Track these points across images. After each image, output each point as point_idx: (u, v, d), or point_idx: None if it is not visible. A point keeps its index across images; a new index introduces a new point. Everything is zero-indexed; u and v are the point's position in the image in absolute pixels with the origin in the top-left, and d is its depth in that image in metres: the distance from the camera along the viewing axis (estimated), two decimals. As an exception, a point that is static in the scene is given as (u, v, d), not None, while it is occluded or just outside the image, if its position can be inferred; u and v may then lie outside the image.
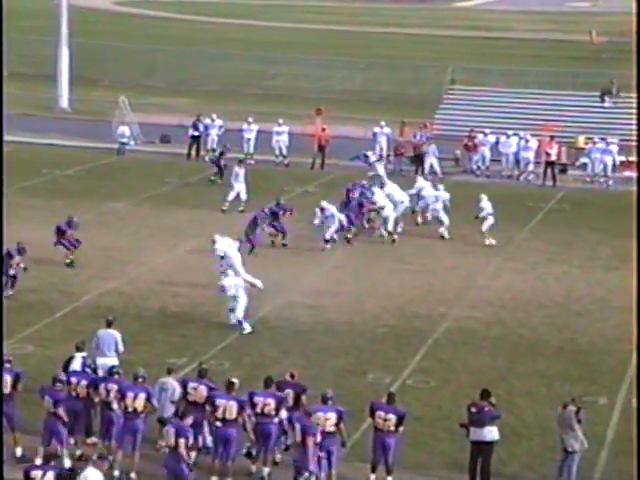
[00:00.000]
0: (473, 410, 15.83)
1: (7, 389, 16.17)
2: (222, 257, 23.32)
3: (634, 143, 37.01)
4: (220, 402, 15.78)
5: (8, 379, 16.20)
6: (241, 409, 15.71)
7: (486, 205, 28.44)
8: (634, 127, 37.62)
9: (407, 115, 41.00)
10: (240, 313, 21.43)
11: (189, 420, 15.27)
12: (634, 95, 40.19)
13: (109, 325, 18.63)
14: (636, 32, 29.99)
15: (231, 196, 30.75)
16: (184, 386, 16.34)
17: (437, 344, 21.48)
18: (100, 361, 17.83)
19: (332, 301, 23.71)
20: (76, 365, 16.95)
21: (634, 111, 38.34)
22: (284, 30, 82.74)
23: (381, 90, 54.46)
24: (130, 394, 15.91)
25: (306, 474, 15.04)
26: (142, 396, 15.92)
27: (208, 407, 15.93)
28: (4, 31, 19.22)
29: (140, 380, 16.08)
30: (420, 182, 30.26)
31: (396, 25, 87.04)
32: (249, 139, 37.84)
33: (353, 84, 55.63)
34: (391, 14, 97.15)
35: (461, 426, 15.96)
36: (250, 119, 38.12)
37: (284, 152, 37.63)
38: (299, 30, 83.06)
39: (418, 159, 36.92)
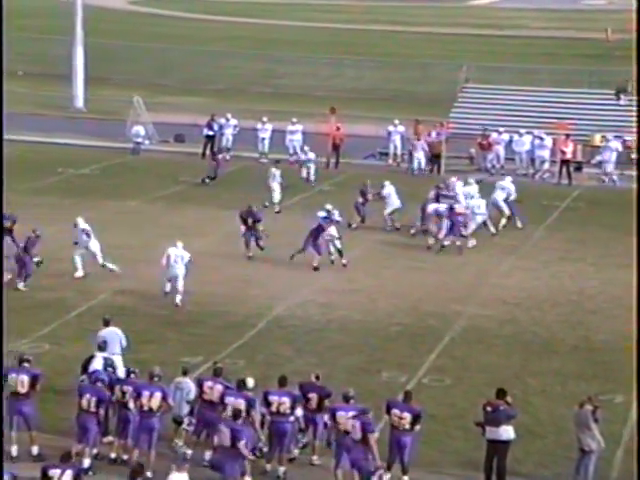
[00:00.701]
0: (489, 409, 15.81)
1: (24, 388, 16.24)
2: (87, 235, 24.47)
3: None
4: (229, 400, 15.81)
5: (25, 379, 16.27)
6: (249, 407, 15.71)
7: (476, 203, 28.42)
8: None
9: (419, 113, 40.94)
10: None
11: (240, 420, 15.35)
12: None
13: (107, 324, 18.67)
14: (636, 31, 29.85)
15: (275, 197, 30.71)
16: (200, 385, 16.37)
17: (451, 342, 21.46)
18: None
19: (345, 299, 23.72)
20: (97, 365, 17.00)
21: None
22: (293, 29, 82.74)
23: (392, 88, 54.43)
24: (146, 393, 15.96)
25: (380, 472, 15.03)
26: (158, 395, 15.97)
27: (219, 405, 15.95)
28: (4, 31, 19.27)
29: (156, 379, 16.13)
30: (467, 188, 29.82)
31: (408, 23, 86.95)
32: (263, 138, 37.86)
33: (363, 82, 55.61)
34: (402, 12, 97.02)
35: (476, 425, 15.94)
36: (264, 118, 38.15)
37: (298, 151, 37.63)
38: (308, 29, 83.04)
39: (434, 158, 36.90)
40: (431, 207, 28.20)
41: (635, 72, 26.12)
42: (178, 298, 22.88)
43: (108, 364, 16.97)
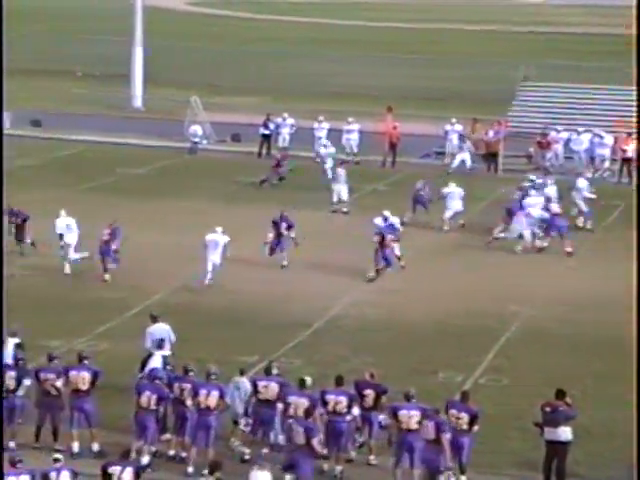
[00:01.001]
0: (547, 409, 15.67)
1: (85, 385, 16.39)
2: (61, 235, 24.81)
3: None
4: (291, 399, 15.81)
5: (87, 376, 16.42)
6: (312, 407, 15.71)
7: (532, 202, 28.06)
8: None
9: (477, 112, 40.69)
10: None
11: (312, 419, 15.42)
12: None
13: (155, 320, 18.77)
14: (636, 31, 29.35)
15: (335, 197, 30.63)
16: (254, 385, 16.38)
17: (508, 343, 21.29)
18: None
19: (402, 299, 23.63)
20: (156, 363, 17.10)
21: None
22: (351, 28, 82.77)
23: (449, 87, 54.18)
24: (203, 391, 16.03)
25: (449, 473, 15.02)
26: (215, 394, 16.03)
27: (280, 404, 15.96)
28: (4, 31, 19.41)
29: (213, 377, 16.19)
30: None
31: (465, 22, 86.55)
32: (320, 137, 37.86)
33: (420, 81, 55.40)
34: (461, 10, 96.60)
35: (535, 425, 15.80)
36: (321, 117, 38.15)
37: (354, 150, 37.58)
38: (365, 28, 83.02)
39: (491, 157, 36.62)
40: (535, 212, 27.61)
41: (635, 71, 25.75)
42: (208, 277, 23.47)
43: (167, 362, 17.06)
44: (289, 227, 25.58)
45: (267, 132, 38.12)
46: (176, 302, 22.85)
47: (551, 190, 29.54)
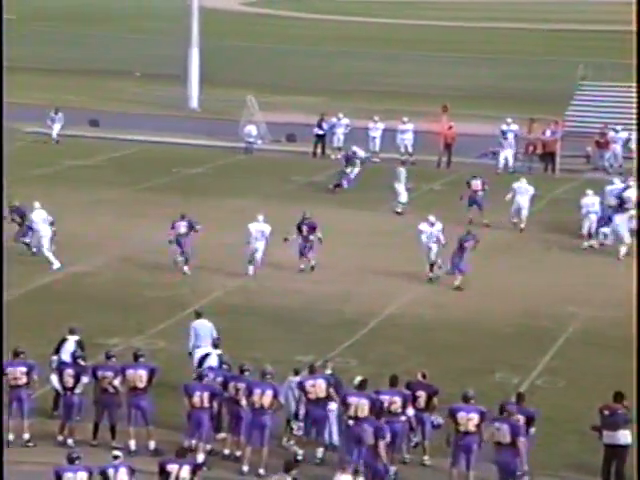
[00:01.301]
0: (606, 413, 15.49)
1: (142, 383, 16.50)
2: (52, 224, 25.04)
3: None
4: (352, 400, 15.77)
5: (144, 374, 16.53)
6: (373, 407, 15.66)
7: (589, 201, 27.69)
8: None
9: (534, 112, 40.35)
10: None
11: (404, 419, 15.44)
12: None
13: (199, 316, 18.97)
14: (636, 30, 28.88)
15: (403, 197, 30.54)
16: (302, 386, 16.34)
17: (566, 344, 21.09)
18: (200, 352, 18.25)
19: (458, 299, 23.51)
20: (213, 361, 17.19)
21: None
22: (407, 27, 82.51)
23: (506, 86, 53.78)
24: (257, 391, 16.07)
25: (526, 477, 14.98)
26: (269, 393, 16.06)
27: (341, 406, 15.93)
28: (4, 31, 19.58)
29: (268, 377, 16.22)
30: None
31: (524, 20, 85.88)
32: (375, 137, 37.79)
33: (478, 81, 55.09)
34: (518, 9, 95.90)
35: (593, 429, 15.62)
36: (376, 117, 38.07)
37: (409, 150, 37.46)
38: (422, 27, 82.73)
39: (548, 157, 36.30)
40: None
41: (635, 70, 25.36)
42: (251, 269, 23.86)
43: (223, 361, 17.14)
44: (311, 229, 25.09)
45: (321, 132, 38.13)
46: (232, 301, 22.94)
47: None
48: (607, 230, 27.49)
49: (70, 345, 17.47)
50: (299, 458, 16.17)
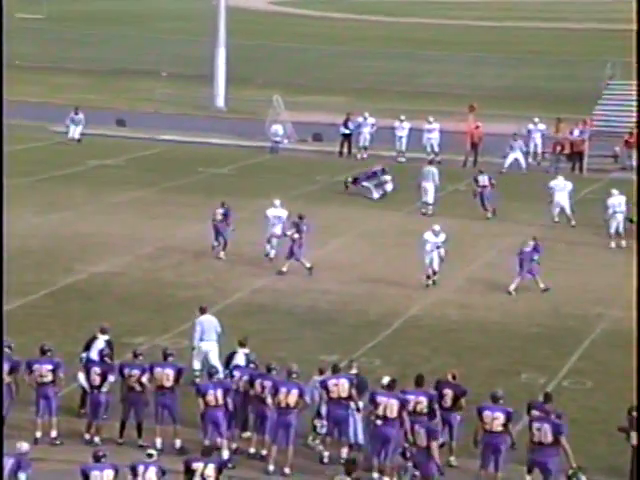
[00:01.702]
0: (634, 414, 15.34)
1: (169, 382, 16.53)
2: None
3: None
4: (381, 400, 15.71)
5: (171, 373, 16.56)
6: (402, 407, 15.62)
7: (616, 201, 27.46)
8: None
9: (561, 111, 40.15)
10: None
11: (436, 421, 15.43)
12: None
13: (203, 311, 19.17)
14: (636, 30, 28.62)
15: (430, 198, 30.35)
16: (325, 386, 16.28)
17: (593, 345, 20.95)
18: (203, 346, 18.67)
19: (483, 300, 23.41)
20: (240, 360, 17.20)
21: None
22: (435, 27, 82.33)
23: (534, 86, 53.56)
24: (283, 389, 16.06)
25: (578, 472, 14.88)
26: (295, 392, 16.05)
27: (369, 404, 15.88)
28: (4, 31, 19.63)
29: (294, 376, 16.20)
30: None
31: (551, 19, 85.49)
32: (401, 137, 37.72)
33: (504, 80, 54.89)
34: (545, 8, 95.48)
35: (620, 430, 15.50)
36: (402, 117, 38.01)
37: (435, 149, 37.36)
38: (449, 26, 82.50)
39: (576, 156, 36.11)
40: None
41: (635, 70, 25.13)
42: (272, 253, 24.31)
43: (250, 360, 17.13)
44: (299, 231, 24.58)
45: (347, 131, 38.09)
46: (258, 301, 22.94)
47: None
48: None
49: (100, 344, 17.53)
50: (325, 460, 16.13)
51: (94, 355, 17.29)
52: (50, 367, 16.60)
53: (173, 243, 26.93)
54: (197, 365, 18.80)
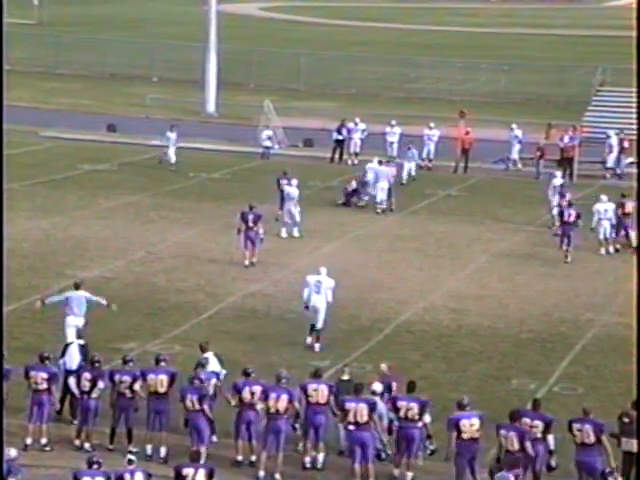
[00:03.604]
0: (626, 420, 15.38)
1: (163, 388, 16.44)
2: None
3: None
4: (350, 406, 15.72)
5: (165, 378, 16.49)
6: (371, 411, 15.63)
7: (601, 208, 27.39)
8: None
9: (553, 117, 40.23)
10: None
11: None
12: None
13: (77, 287, 19.55)
14: (636, 30, 28.73)
15: (384, 196, 30.43)
16: (305, 389, 16.23)
17: (584, 350, 20.98)
18: (71, 321, 19.17)
19: (475, 305, 23.44)
20: (214, 366, 17.08)
21: None
22: (426, 32, 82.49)
23: (526, 92, 53.68)
24: (273, 395, 16.02)
25: (615, 474, 14.68)
26: (284, 397, 16.00)
27: (338, 411, 15.89)
28: (4, 31, 19.67)
29: (283, 381, 16.17)
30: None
31: (543, 26, 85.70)
32: (392, 142, 37.75)
33: (497, 86, 55.00)
34: (538, 15, 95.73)
35: (611, 436, 15.51)
36: (393, 122, 38.05)
37: (431, 156, 37.37)
38: (442, 32, 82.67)
39: (566, 162, 36.16)
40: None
41: (635, 71, 25.26)
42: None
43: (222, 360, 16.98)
44: (256, 220, 25.31)
45: (340, 137, 38.11)
46: (250, 306, 22.93)
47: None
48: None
49: (74, 348, 17.46)
50: (307, 466, 16.10)
51: (68, 360, 17.21)
52: (45, 375, 16.54)
53: (165, 248, 26.91)
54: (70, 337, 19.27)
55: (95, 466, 14.00)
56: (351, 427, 15.67)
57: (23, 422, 16.61)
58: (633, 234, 27.54)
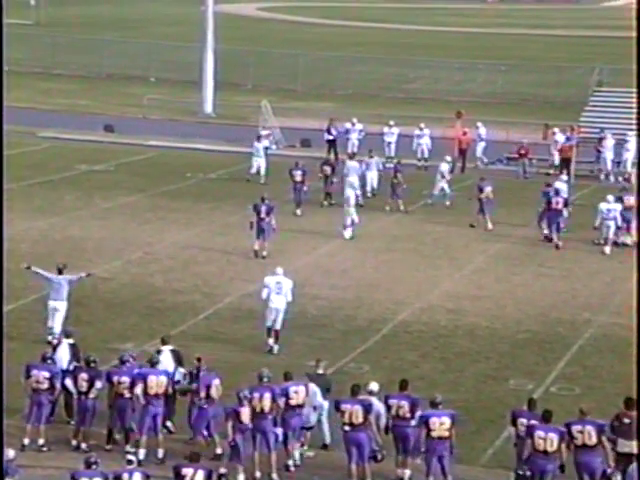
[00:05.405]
0: (626, 421, 15.36)
1: (162, 389, 16.41)
2: None
3: None
4: (345, 407, 15.72)
5: (164, 379, 16.47)
6: (366, 413, 15.63)
7: (604, 207, 27.40)
8: None
9: (550, 118, 40.26)
10: None
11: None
12: None
13: (60, 272, 20.06)
14: (636, 30, 28.79)
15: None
16: (286, 392, 16.15)
17: (581, 351, 21.00)
18: (52, 304, 19.98)
19: (472, 305, 23.45)
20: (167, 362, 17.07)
21: None
22: (424, 33, 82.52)
23: (524, 92, 53.71)
24: (255, 394, 15.94)
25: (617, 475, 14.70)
26: (267, 396, 15.94)
27: (335, 412, 15.89)
28: (4, 31, 19.73)
29: (265, 380, 16.12)
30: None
31: (540, 27, 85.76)
32: (390, 142, 37.78)
33: (495, 86, 55.05)
34: (535, 15, 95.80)
35: (608, 439, 15.48)
36: (391, 122, 38.06)
37: (425, 155, 37.42)
38: (439, 33, 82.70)
39: (563, 163, 36.18)
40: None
41: (635, 71, 25.29)
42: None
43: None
44: (268, 212, 25.96)
45: (331, 137, 38.12)
46: (248, 306, 22.92)
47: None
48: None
49: (64, 348, 17.44)
50: (291, 469, 16.07)
51: (57, 360, 17.18)
52: (47, 375, 16.55)
53: (162, 248, 26.92)
54: (51, 323, 19.87)
55: (93, 466, 14.00)
56: (347, 428, 15.67)
57: (20, 423, 16.59)
58: (633, 225, 27.48)
